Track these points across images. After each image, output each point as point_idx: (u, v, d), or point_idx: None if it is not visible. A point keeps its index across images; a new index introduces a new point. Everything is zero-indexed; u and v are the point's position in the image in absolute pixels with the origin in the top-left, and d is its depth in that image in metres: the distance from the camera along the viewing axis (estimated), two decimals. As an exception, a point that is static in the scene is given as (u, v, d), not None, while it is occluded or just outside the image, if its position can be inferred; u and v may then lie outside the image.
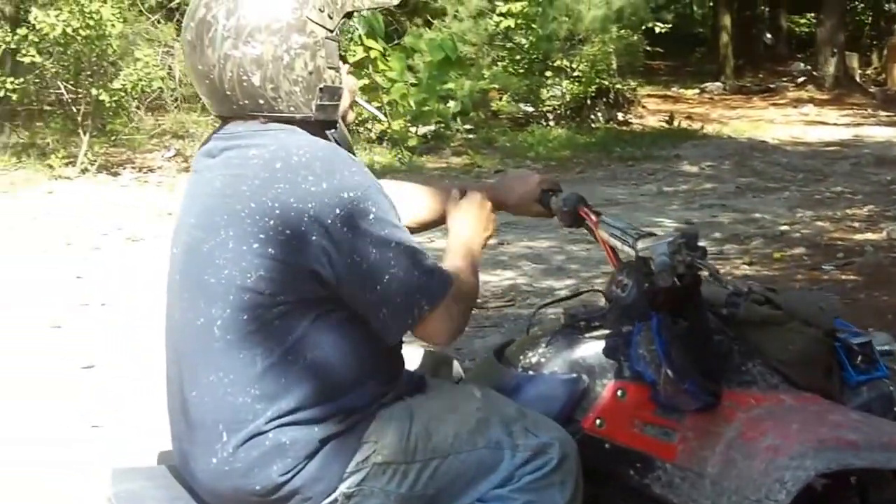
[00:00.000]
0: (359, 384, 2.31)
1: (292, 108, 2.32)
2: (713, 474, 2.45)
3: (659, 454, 2.52)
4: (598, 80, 16.65)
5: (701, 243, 2.43)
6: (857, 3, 28.48)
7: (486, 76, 16.37)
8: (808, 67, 23.48)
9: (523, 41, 16.86)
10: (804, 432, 2.42)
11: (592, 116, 16.67)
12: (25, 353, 6.45)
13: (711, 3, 27.04)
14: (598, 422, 2.51)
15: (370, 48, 14.96)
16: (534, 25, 16.42)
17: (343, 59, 2.44)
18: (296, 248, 2.19)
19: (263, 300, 2.22)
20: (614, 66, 17.24)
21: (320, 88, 2.34)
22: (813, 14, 25.85)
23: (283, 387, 2.25)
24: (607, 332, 2.61)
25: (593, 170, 13.58)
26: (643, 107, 18.61)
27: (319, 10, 2.33)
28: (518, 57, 16.99)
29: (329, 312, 2.26)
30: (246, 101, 2.31)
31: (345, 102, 2.43)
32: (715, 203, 11.01)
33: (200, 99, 2.49)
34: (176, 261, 2.38)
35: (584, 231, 2.84)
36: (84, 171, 13.01)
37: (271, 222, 2.20)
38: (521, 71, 16.88)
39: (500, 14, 16.68)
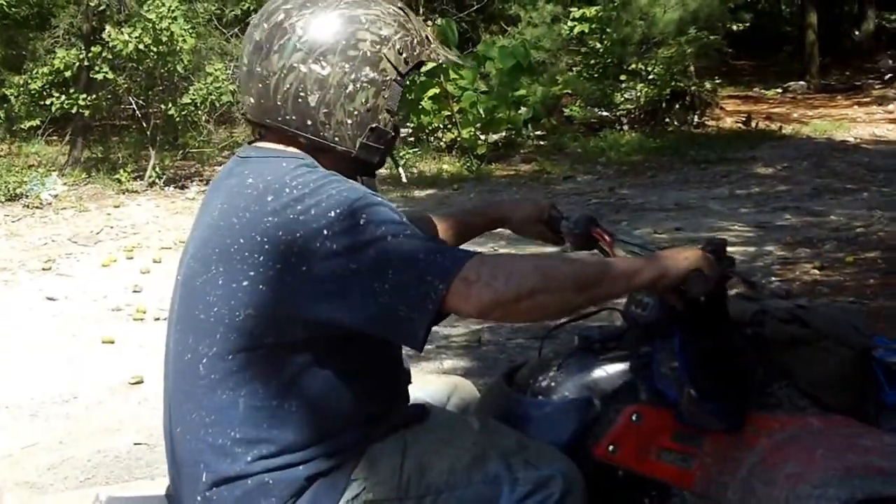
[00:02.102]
0: (347, 425, 2.23)
1: (337, 139, 2.28)
2: (733, 502, 2.34)
3: (676, 481, 2.44)
4: (673, 83, 16.42)
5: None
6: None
7: (559, 82, 16.23)
8: (896, 64, 22.98)
9: (597, 45, 16.68)
10: (829, 459, 2.31)
11: (667, 120, 16.47)
12: (76, 367, 6.51)
13: (799, 2, 26.58)
14: (610, 448, 2.42)
15: (443, 57, 14.90)
16: (608, 30, 16.24)
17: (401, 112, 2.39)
18: (287, 284, 2.11)
19: (250, 341, 2.15)
20: (691, 68, 17.01)
21: (371, 128, 2.29)
22: (904, 9, 25.32)
23: (265, 431, 2.18)
24: (623, 353, 2.54)
25: (665, 174, 13.36)
26: (721, 108, 18.32)
27: (399, 51, 2.30)
28: (592, 61, 16.79)
29: (318, 356, 2.17)
30: (293, 118, 2.26)
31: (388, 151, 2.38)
32: (788, 205, 10.75)
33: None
34: (176, 290, 2.33)
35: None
36: (151, 184, 13.18)
37: (261, 258, 2.13)
38: (595, 75, 16.68)
39: (574, 19, 16.53)
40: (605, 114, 16.91)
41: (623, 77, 16.45)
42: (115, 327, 7.31)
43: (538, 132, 16.21)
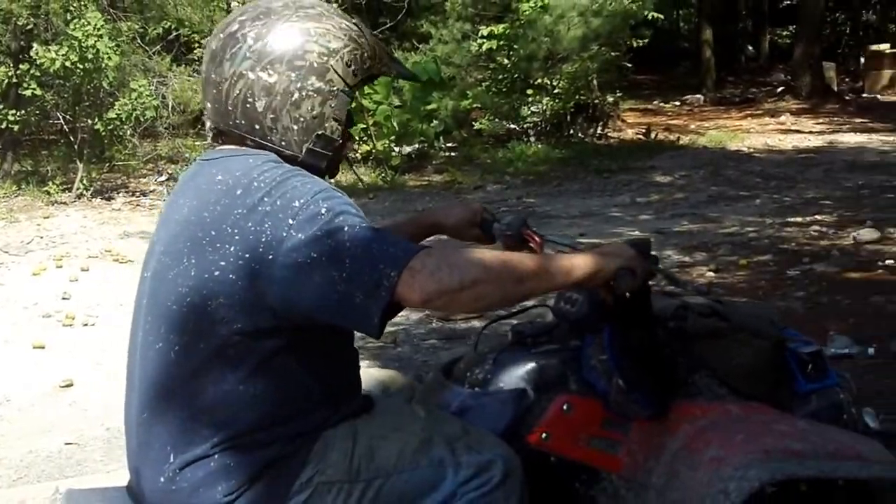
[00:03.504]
0: (308, 410, 2.24)
1: (284, 143, 2.30)
2: (658, 485, 2.38)
3: (604, 466, 2.47)
4: (577, 97, 16.55)
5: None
6: (837, 14, 28.58)
7: (468, 96, 16.31)
8: (788, 78, 23.37)
9: (505, 61, 16.76)
10: (749, 443, 2.34)
11: (571, 131, 16.61)
12: (8, 371, 6.42)
13: (696, 19, 27.00)
14: (543, 436, 2.44)
15: (357, 73, 14.90)
16: (515, 46, 16.32)
17: (351, 122, 2.42)
18: (255, 272, 2.11)
19: (221, 328, 2.15)
20: (594, 82, 17.16)
21: (317, 135, 2.31)
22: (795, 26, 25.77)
23: (232, 413, 2.18)
24: (554, 347, 2.56)
25: (570, 183, 13.50)
26: (622, 120, 18.54)
27: (347, 64, 2.32)
28: (500, 77, 16.84)
29: (283, 343, 2.18)
30: (242, 122, 2.29)
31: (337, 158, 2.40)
32: (686, 212, 10.89)
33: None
34: (145, 286, 2.32)
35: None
36: (80, 196, 13.04)
37: (231, 249, 2.14)
38: (503, 90, 16.75)
39: (483, 37, 16.59)
40: (512, 126, 16.99)
41: (529, 91, 16.53)
42: (46, 333, 7.23)
43: (449, 144, 16.31)
